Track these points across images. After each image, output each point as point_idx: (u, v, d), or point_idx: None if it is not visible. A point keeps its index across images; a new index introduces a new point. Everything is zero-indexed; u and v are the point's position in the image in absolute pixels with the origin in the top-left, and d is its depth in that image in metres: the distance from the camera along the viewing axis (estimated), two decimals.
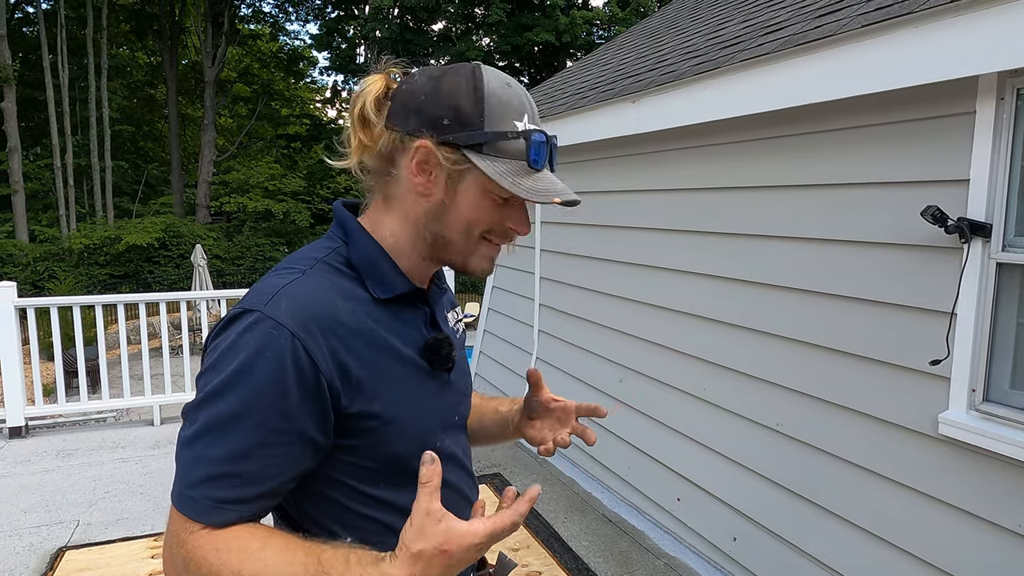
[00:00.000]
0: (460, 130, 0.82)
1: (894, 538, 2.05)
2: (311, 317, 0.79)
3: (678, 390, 3.05)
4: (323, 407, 0.79)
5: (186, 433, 0.79)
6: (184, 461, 0.78)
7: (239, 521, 0.78)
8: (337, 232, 0.92)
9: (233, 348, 0.78)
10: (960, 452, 1.86)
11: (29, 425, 4.52)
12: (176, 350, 9.38)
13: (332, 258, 0.88)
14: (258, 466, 0.77)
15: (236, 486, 0.76)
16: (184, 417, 0.80)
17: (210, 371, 0.79)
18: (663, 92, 2.86)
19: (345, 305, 0.83)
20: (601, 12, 23.55)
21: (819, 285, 2.31)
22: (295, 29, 40.04)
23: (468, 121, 0.82)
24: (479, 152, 0.82)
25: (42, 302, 4.57)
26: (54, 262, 17.80)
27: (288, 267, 0.86)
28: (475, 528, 0.70)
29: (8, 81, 18.04)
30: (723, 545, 2.76)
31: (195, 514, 0.76)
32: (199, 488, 0.76)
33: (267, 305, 0.79)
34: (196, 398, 0.79)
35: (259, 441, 0.76)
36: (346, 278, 0.87)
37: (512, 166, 0.82)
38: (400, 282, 0.89)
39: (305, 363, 0.77)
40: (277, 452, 0.78)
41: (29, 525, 3.21)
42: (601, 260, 3.70)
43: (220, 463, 0.76)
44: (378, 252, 0.89)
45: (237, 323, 0.80)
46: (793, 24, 2.45)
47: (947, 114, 1.87)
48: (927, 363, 1.89)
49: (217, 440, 0.76)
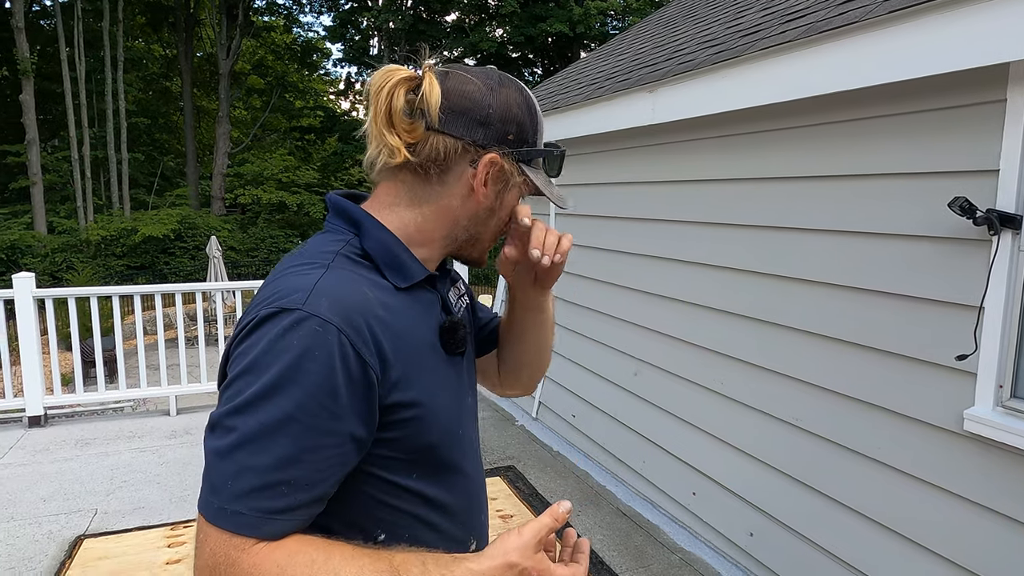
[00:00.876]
0: (520, 145, 0.89)
1: (916, 535, 2.01)
2: (353, 311, 0.77)
3: (694, 383, 3.02)
4: (371, 404, 0.77)
5: (222, 443, 0.72)
6: (222, 473, 0.72)
7: (292, 531, 0.74)
8: (340, 223, 0.90)
9: (275, 349, 0.73)
10: (986, 449, 1.81)
11: (48, 414, 4.57)
12: (192, 341, 9.46)
13: (347, 250, 0.86)
14: (308, 471, 0.73)
15: (285, 494, 0.72)
16: (214, 426, 0.75)
17: (247, 374, 0.74)
18: (681, 82, 2.81)
19: (375, 296, 0.82)
20: (615, 2, 23.34)
21: (840, 278, 2.26)
22: (309, 21, 39.97)
23: (525, 138, 0.90)
24: (528, 165, 0.91)
25: (60, 293, 4.62)
26: (72, 253, 17.99)
27: (306, 263, 0.83)
28: (558, 572, 0.77)
29: (26, 74, 18.21)
30: (739, 540, 2.73)
31: (245, 529, 0.71)
32: (245, 500, 0.70)
33: (307, 303, 0.75)
34: (232, 404, 0.73)
35: (309, 445, 0.73)
36: (366, 268, 0.85)
37: (543, 176, 0.93)
38: (418, 270, 0.89)
39: (353, 360, 0.75)
40: (327, 455, 0.74)
41: (48, 513, 3.25)
42: (615, 252, 3.67)
43: (268, 472, 0.71)
44: (393, 241, 0.88)
45: (273, 323, 0.75)
46: (815, 11, 2.39)
47: (976, 102, 1.82)
48: (953, 358, 1.85)
49: (264, 447, 0.71)
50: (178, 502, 3.38)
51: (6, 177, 20.65)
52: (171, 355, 5.08)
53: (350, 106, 31.25)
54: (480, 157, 0.86)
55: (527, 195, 0.94)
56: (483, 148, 0.86)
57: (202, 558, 0.73)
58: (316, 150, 26.57)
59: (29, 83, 18.36)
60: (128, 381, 4.80)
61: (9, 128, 21.41)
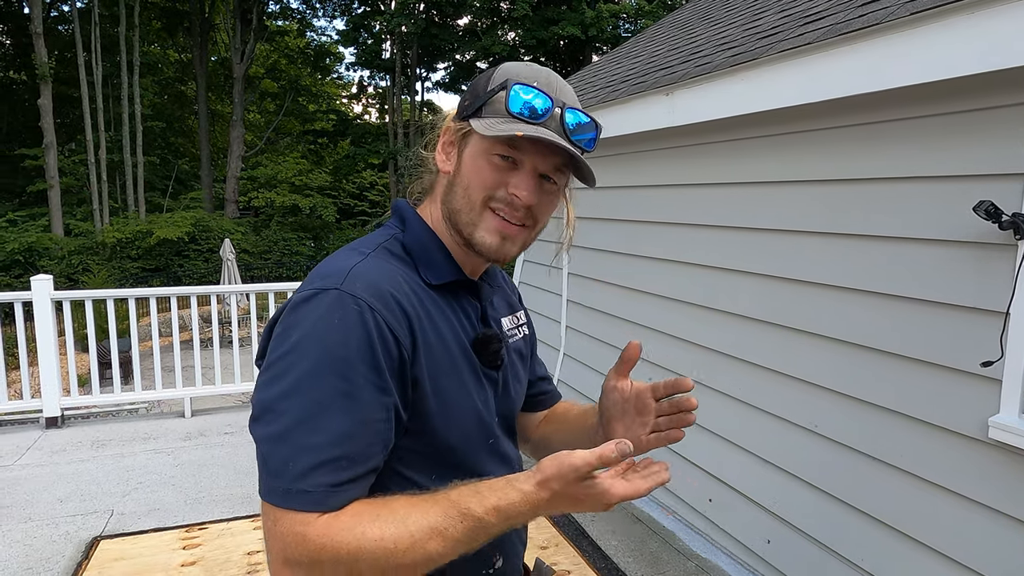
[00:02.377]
0: (472, 103, 0.87)
1: (938, 545, 1.98)
2: (385, 292, 0.80)
3: (709, 388, 3.00)
4: (404, 380, 0.80)
5: (276, 427, 0.74)
6: (282, 456, 0.73)
7: (353, 500, 0.76)
8: (395, 221, 0.95)
9: (316, 329, 0.76)
10: (1011, 457, 1.78)
11: (65, 415, 4.61)
12: (206, 343, 9.53)
13: (391, 243, 0.90)
14: (362, 444, 0.75)
15: (345, 468, 0.74)
16: (264, 410, 0.76)
17: (291, 354, 0.75)
18: (698, 84, 2.79)
19: (408, 287, 0.84)
20: (627, 5, 23.32)
21: (861, 283, 2.23)
22: (322, 25, 40.46)
23: (477, 94, 0.87)
24: (479, 116, 0.85)
25: (77, 295, 4.66)
26: (88, 256, 18.19)
27: (352, 250, 0.87)
28: (615, 491, 0.72)
29: (44, 78, 18.45)
30: (756, 547, 2.70)
31: (312, 505, 0.72)
32: (309, 478, 0.72)
33: (344, 283, 0.78)
34: (279, 387, 0.75)
35: (362, 419, 0.75)
36: (403, 263, 0.88)
37: (501, 119, 0.83)
38: (450, 269, 0.90)
39: (389, 337, 0.78)
40: (378, 428, 0.77)
41: (65, 514, 3.27)
42: (630, 256, 3.65)
43: (326, 448, 0.73)
44: (430, 237, 0.91)
45: (313, 302, 0.77)
46: (835, 13, 2.37)
47: (1002, 105, 1.79)
48: (978, 365, 1.82)
49: (319, 426, 0.73)
50: (193, 504, 3.39)
51: (24, 180, 20.93)
52: (186, 357, 5.11)
53: (363, 110, 31.42)
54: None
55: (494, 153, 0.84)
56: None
57: (274, 542, 0.74)
58: (329, 153, 26.75)
59: (47, 87, 18.61)
60: (143, 383, 4.83)
61: (27, 132, 21.72)
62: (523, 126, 0.81)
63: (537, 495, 0.72)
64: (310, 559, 0.72)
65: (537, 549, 2.96)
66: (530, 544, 3.20)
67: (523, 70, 0.87)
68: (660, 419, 0.89)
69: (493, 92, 0.84)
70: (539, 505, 0.73)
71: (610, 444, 0.70)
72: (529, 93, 0.82)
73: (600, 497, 0.72)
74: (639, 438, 0.90)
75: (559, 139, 0.82)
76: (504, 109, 0.83)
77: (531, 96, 0.82)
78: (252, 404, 0.79)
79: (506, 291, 1.09)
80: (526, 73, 0.86)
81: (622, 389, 0.91)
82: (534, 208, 0.86)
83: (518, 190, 0.84)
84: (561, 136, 0.83)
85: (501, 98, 0.83)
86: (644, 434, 0.90)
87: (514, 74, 0.85)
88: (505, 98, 0.82)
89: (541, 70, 0.88)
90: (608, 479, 0.72)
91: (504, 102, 0.83)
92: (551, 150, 0.84)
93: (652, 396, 0.89)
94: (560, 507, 0.74)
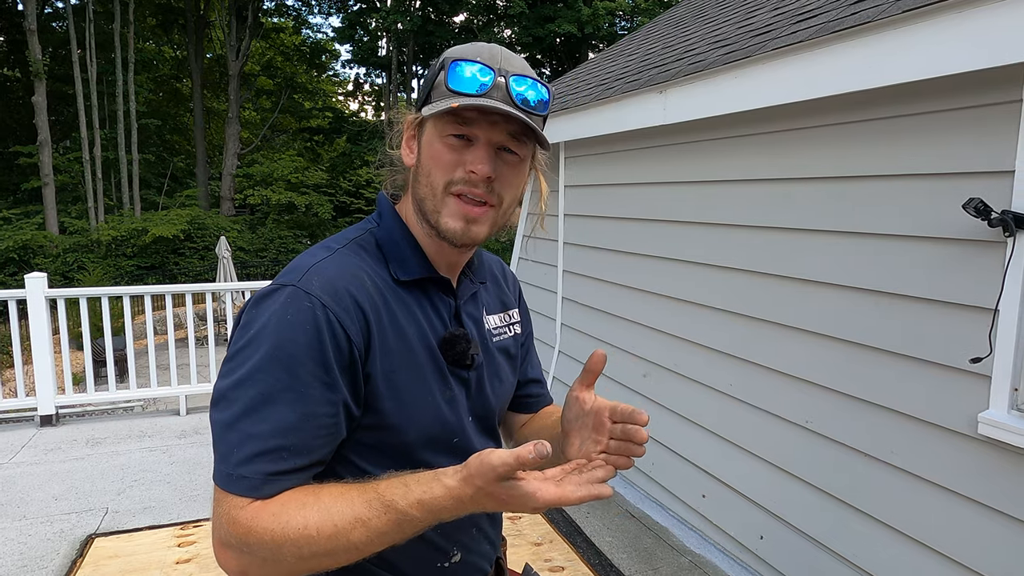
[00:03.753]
0: (422, 92, 0.89)
1: (929, 540, 2.00)
2: (341, 290, 0.81)
3: (704, 385, 3.01)
4: (356, 377, 0.81)
5: (227, 415, 0.77)
6: (228, 442, 0.77)
7: (288, 490, 0.78)
8: (375, 215, 0.96)
9: (270, 323, 0.78)
10: (1000, 453, 1.80)
11: (59, 413, 4.60)
12: (201, 341, 9.51)
13: (364, 239, 0.91)
14: (305, 437, 0.77)
15: (284, 459, 0.76)
16: (219, 398, 0.79)
17: (247, 347, 0.79)
18: (691, 82, 2.80)
19: (371, 283, 0.85)
20: (623, 2, 23.31)
21: (853, 280, 2.25)
22: (317, 22, 40.39)
23: (428, 84, 0.88)
24: (429, 102, 0.86)
25: (72, 293, 4.64)
26: (83, 253, 18.14)
27: (323, 246, 0.89)
28: (540, 496, 0.69)
29: (39, 76, 18.37)
30: (750, 543, 2.72)
31: (247, 490, 0.75)
32: (249, 465, 0.75)
33: (300, 280, 0.81)
34: (234, 377, 0.78)
35: (305, 413, 0.77)
36: (373, 258, 0.89)
37: (445, 100, 0.83)
38: (420, 265, 0.91)
39: (340, 334, 0.79)
40: (323, 423, 0.79)
41: (60, 512, 3.27)
42: (625, 253, 3.66)
43: (269, 438, 0.76)
44: (402, 233, 0.92)
45: (271, 299, 0.81)
46: (827, 11, 2.38)
47: (991, 103, 1.80)
48: (967, 361, 1.83)
49: (264, 416, 0.76)
50: (188, 501, 3.39)
51: (19, 178, 20.84)
52: (181, 355, 5.11)
53: (358, 107, 31.35)
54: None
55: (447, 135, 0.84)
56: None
57: (215, 522, 0.78)
58: (325, 151, 26.68)
59: (41, 85, 18.53)
60: (139, 381, 4.83)
61: (22, 129, 21.63)
62: (463, 99, 0.81)
63: (461, 490, 0.71)
64: (239, 542, 0.75)
65: (531, 545, 2.97)
66: (524, 540, 3.22)
67: (466, 49, 0.86)
68: (612, 442, 0.82)
69: (435, 75, 0.86)
70: (463, 500, 0.71)
71: (528, 445, 0.66)
72: (469, 67, 0.82)
73: (525, 499, 0.69)
74: (590, 455, 0.83)
75: (502, 105, 0.81)
76: (445, 88, 0.83)
77: (473, 69, 0.82)
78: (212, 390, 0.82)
79: (502, 288, 1.07)
80: (468, 51, 0.86)
81: (583, 401, 0.85)
82: (495, 183, 0.85)
83: (474, 164, 0.83)
84: (508, 104, 0.82)
85: (443, 78, 0.84)
86: (595, 452, 0.83)
87: (456, 53, 0.86)
88: (444, 77, 0.83)
89: (484, 46, 0.87)
90: (536, 482, 0.70)
91: (444, 81, 0.83)
92: (503, 119, 0.83)
93: (610, 417, 0.82)
94: (487, 505, 0.72)
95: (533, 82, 0.85)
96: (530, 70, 0.88)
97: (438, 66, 0.86)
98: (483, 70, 0.82)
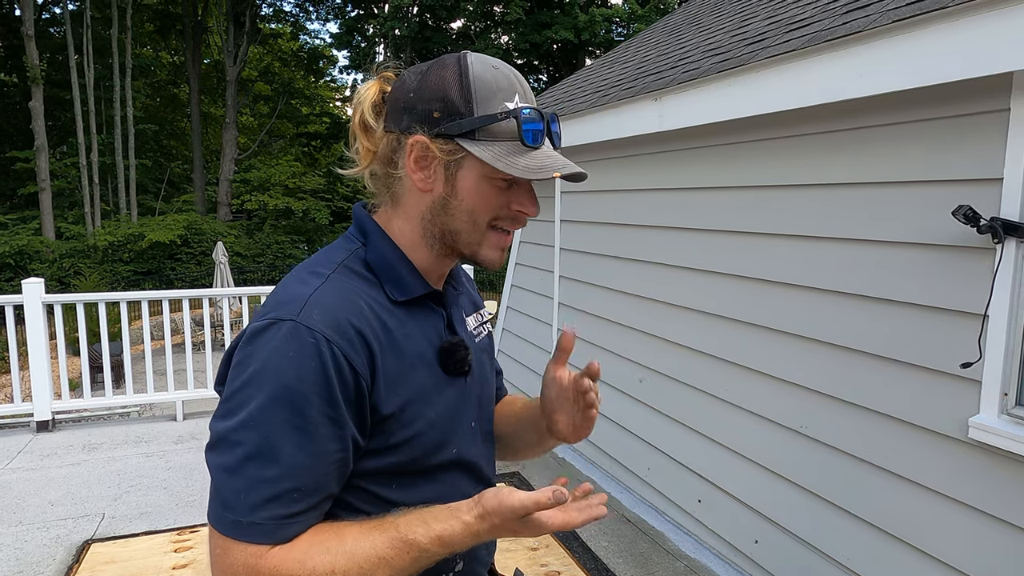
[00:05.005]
0: (451, 120, 0.82)
1: (921, 543, 2.01)
2: (344, 322, 0.79)
3: (699, 390, 3.02)
4: (363, 411, 0.80)
5: (229, 459, 0.74)
6: (234, 488, 0.74)
7: (306, 531, 0.77)
8: (355, 233, 0.92)
9: (271, 361, 0.75)
10: (991, 457, 1.81)
11: (56, 419, 4.60)
12: (198, 346, 9.50)
13: (351, 261, 0.88)
14: (316, 476, 0.76)
15: (297, 500, 0.75)
16: (218, 441, 0.76)
17: (248, 386, 0.75)
18: (686, 90, 2.83)
19: (369, 310, 0.83)
20: (620, 9, 23.41)
21: (845, 286, 2.27)
22: (315, 28, 40.49)
23: (457, 110, 0.82)
24: (472, 139, 0.82)
25: (69, 298, 4.65)
26: (79, 259, 18.10)
27: (311, 271, 0.85)
28: (550, 523, 0.77)
29: (36, 81, 18.36)
30: (745, 548, 2.73)
31: (262, 538, 0.74)
32: (259, 511, 0.73)
33: (300, 314, 0.77)
34: (236, 418, 0.75)
35: (316, 451, 0.76)
36: (366, 282, 0.86)
37: (506, 147, 0.82)
38: (417, 284, 0.89)
39: (346, 368, 0.77)
40: (333, 459, 0.78)
41: (56, 518, 3.27)
42: (621, 259, 3.68)
43: (279, 481, 0.74)
44: (394, 253, 0.89)
45: (268, 333, 0.77)
46: (819, 20, 2.41)
47: (980, 111, 1.83)
48: (957, 366, 1.85)
49: (272, 459, 0.74)
50: (184, 507, 3.40)
51: (15, 183, 20.82)
52: (178, 360, 5.11)
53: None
54: (407, 144, 0.84)
55: (499, 177, 0.84)
56: (407, 133, 0.84)
57: (222, 572, 0.75)
58: (322, 156, 26.70)
59: (38, 90, 18.51)
60: (135, 386, 4.83)
61: (18, 134, 21.61)
62: (538, 156, 0.82)
63: (478, 526, 0.77)
64: None
65: (527, 550, 2.98)
66: (520, 545, 3.22)
67: (499, 80, 0.83)
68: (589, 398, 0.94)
69: (496, 118, 0.81)
70: (479, 534, 0.77)
71: (547, 491, 0.74)
72: (531, 118, 0.82)
73: (537, 529, 0.77)
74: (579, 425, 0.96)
75: (575, 167, 0.84)
76: (517, 136, 0.82)
77: (535, 119, 0.83)
78: (210, 431, 0.79)
79: (468, 289, 1.09)
80: (505, 85, 0.84)
81: (560, 379, 0.95)
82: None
83: (523, 207, 0.86)
84: (553, 146, 0.86)
85: (509, 127, 0.82)
86: (585, 418, 0.95)
87: (494, 87, 0.83)
88: (518, 128, 0.81)
89: (508, 73, 0.85)
90: (546, 512, 0.77)
91: (516, 131, 0.82)
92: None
93: (576, 383, 0.94)
94: (497, 535, 0.79)
95: (556, 119, 0.88)
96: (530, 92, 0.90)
97: (482, 101, 0.82)
98: (538, 119, 0.83)
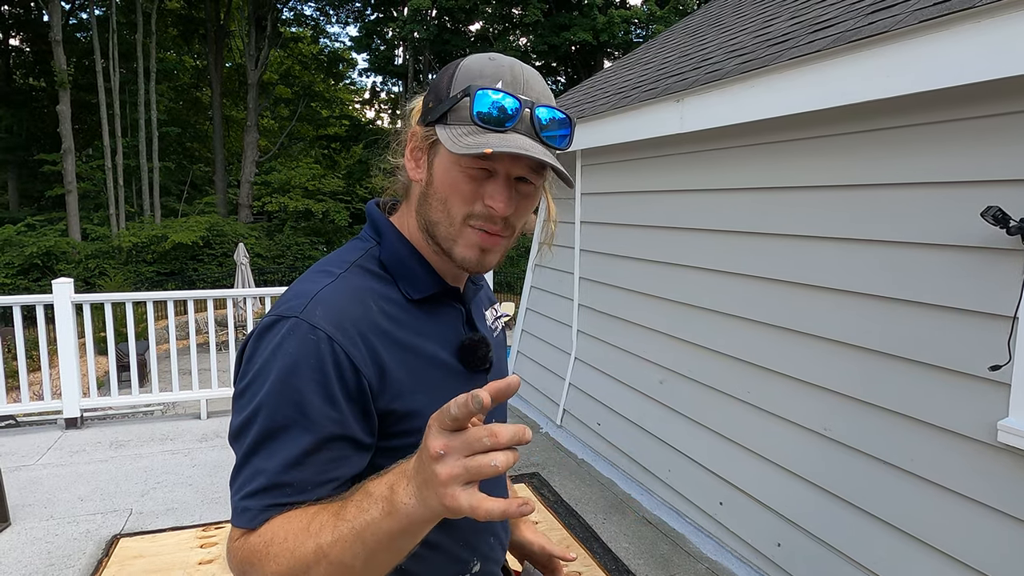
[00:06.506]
0: (435, 107, 0.82)
1: (948, 547, 1.99)
2: (346, 319, 0.78)
3: (721, 392, 3.01)
4: (366, 409, 0.79)
5: (239, 450, 0.78)
6: (240, 476, 0.77)
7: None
8: (370, 232, 0.91)
9: (273, 358, 0.76)
10: (1020, 461, 1.79)
11: (84, 416, 4.69)
12: (222, 346, 9.62)
13: (365, 260, 0.87)
14: (311, 473, 0.75)
15: (288, 495, 0.75)
16: (234, 434, 0.79)
17: (253, 383, 0.77)
18: (708, 91, 2.82)
19: (379, 307, 0.82)
20: (639, 11, 23.35)
21: (870, 287, 2.25)
22: (335, 31, 40.80)
23: (440, 97, 0.82)
24: (444, 123, 0.80)
25: (97, 298, 4.74)
26: (104, 260, 18.43)
27: (323, 270, 0.85)
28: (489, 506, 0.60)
29: (63, 85, 18.74)
30: (767, 551, 2.71)
31: (247, 522, 0.75)
32: (254, 499, 0.75)
33: (303, 311, 0.77)
34: (244, 413, 0.77)
35: (310, 449, 0.75)
36: (379, 280, 0.86)
37: (467, 129, 0.78)
38: (431, 282, 0.88)
39: (346, 366, 0.76)
40: (330, 457, 0.76)
41: (85, 513, 3.34)
42: (642, 260, 3.67)
43: (274, 474, 0.75)
44: (408, 251, 0.88)
45: (273, 331, 0.78)
46: (844, 20, 2.40)
47: (1009, 111, 1.81)
48: (986, 368, 1.84)
49: (271, 452, 0.75)
50: (210, 503, 3.45)
51: (43, 185, 21.27)
52: (202, 359, 5.19)
53: (375, 115, 31.62)
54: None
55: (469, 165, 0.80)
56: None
57: (227, 551, 0.80)
58: (342, 158, 26.94)
59: (66, 94, 18.90)
60: (160, 385, 4.91)
61: (46, 138, 22.06)
62: (491, 137, 0.76)
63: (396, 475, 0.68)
64: (237, 570, 0.77)
65: None
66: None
67: (487, 67, 0.81)
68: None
69: (456, 99, 0.79)
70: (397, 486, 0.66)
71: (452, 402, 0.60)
72: (495, 96, 0.77)
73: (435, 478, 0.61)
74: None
75: (529, 151, 0.77)
76: (469, 117, 0.77)
77: (498, 98, 0.77)
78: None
79: (484, 284, 1.08)
80: (490, 72, 0.80)
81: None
82: (511, 217, 0.83)
83: (494, 201, 0.80)
84: (532, 137, 0.79)
85: (465, 105, 0.78)
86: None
87: (476, 74, 0.80)
88: (470, 105, 0.77)
89: (504, 63, 0.82)
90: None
91: (469, 109, 0.77)
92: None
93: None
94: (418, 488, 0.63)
95: (561, 116, 0.82)
96: (549, 93, 0.85)
97: (459, 89, 0.79)
98: (509, 100, 0.78)
